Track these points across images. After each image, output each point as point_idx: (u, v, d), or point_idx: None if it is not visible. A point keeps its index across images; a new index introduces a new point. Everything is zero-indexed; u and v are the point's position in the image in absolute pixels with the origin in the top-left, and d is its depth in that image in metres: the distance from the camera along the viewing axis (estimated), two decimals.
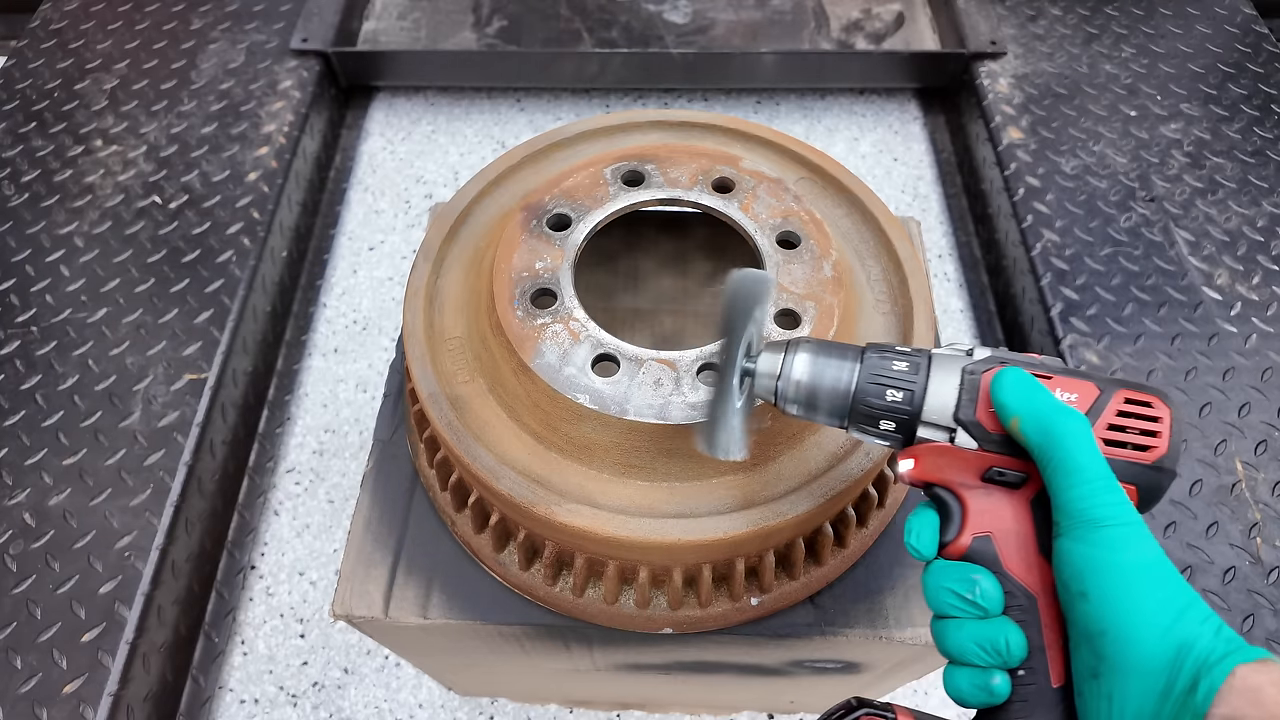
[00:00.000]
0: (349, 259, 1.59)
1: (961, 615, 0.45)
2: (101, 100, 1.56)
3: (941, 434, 0.48)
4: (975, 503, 0.47)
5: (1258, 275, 1.29)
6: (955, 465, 0.47)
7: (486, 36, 1.75)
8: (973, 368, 0.48)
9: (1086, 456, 0.43)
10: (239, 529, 1.27)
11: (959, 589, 0.45)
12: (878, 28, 1.78)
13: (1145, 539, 0.42)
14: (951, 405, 0.47)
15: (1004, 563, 0.45)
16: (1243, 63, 1.60)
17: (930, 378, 0.48)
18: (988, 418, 0.47)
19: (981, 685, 0.44)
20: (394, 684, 1.15)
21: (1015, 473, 0.47)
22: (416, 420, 0.76)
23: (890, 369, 0.49)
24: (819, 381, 0.50)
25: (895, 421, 0.49)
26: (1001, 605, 0.45)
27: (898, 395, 0.48)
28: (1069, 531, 0.43)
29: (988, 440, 0.47)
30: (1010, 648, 0.44)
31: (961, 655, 0.45)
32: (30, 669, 0.97)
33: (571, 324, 0.66)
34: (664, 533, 0.61)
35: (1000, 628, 0.44)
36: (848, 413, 0.50)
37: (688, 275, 0.99)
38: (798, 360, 0.51)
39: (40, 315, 1.27)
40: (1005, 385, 0.46)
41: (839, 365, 0.50)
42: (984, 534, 0.46)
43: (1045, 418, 0.44)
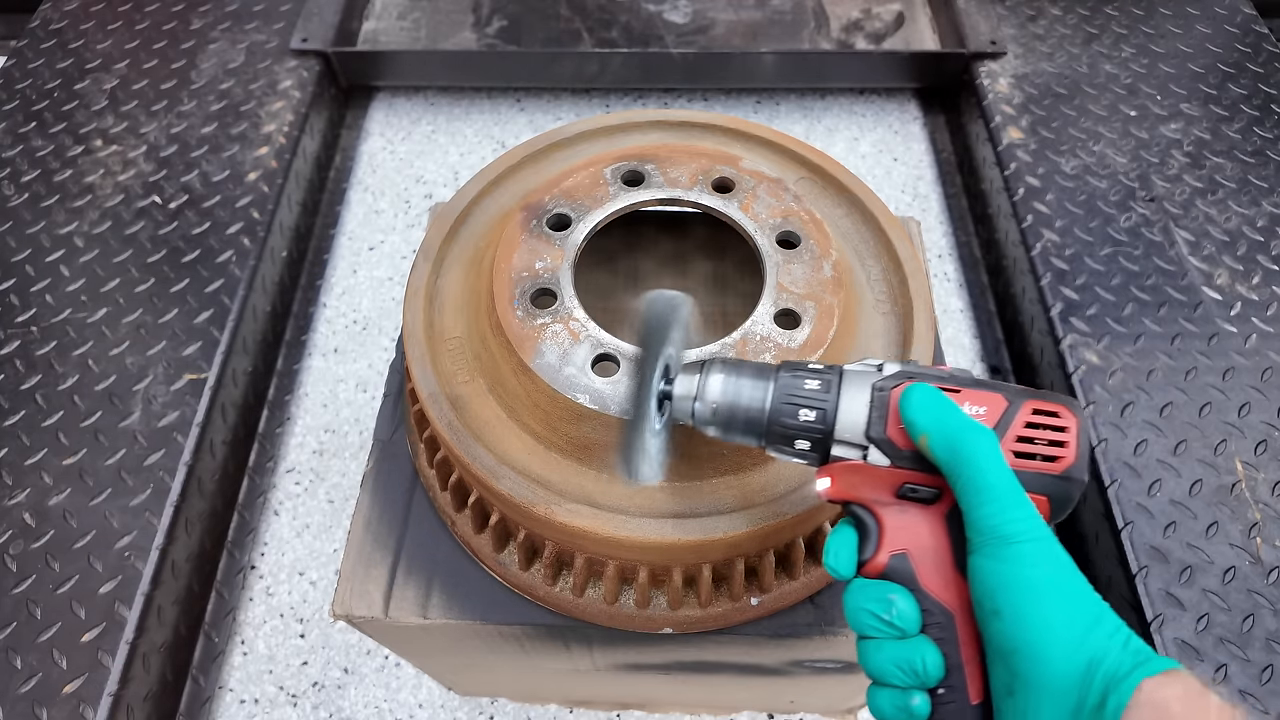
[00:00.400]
0: (349, 259, 1.59)
1: (880, 635, 0.46)
2: (101, 100, 1.56)
3: (855, 451, 0.48)
4: (891, 520, 0.47)
5: (1258, 275, 1.29)
6: (869, 483, 0.48)
7: (486, 36, 1.75)
8: (881, 384, 0.48)
9: (994, 473, 0.43)
10: (239, 529, 1.27)
11: (876, 609, 0.46)
12: (878, 28, 1.78)
13: (1055, 553, 0.42)
14: (863, 423, 0.47)
15: (921, 580, 0.46)
16: (1243, 63, 1.60)
17: (841, 395, 0.48)
18: (898, 434, 0.47)
19: (902, 706, 0.44)
20: (394, 684, 1.15)
21: (928, 489, 0.47)
22: (416, 420, 0.76)
23: (802, 388, 0.49)
24: (735, 401, 0.51)
25: (810, 440, 0.49)
26: (918, 624, 0.45)
27: (810, 414, 0.48)
28: (980, 548, 0.43)
29: (899, 457, 0.47)
30: (927, 668, 0.44)
31: (882, 676, 0.45)
32: (30, 669, 0.97)
33: (571, 324, 0.66)
34: (664, 533, 0.61)
35: (917, 648, 0.44)
36: (764, 432, 0.50)
37: (688, 275, 0.99)
38: (711, 381, 0.51)
39: (40, 315, 1.27)
40: (913, 403, 0.46)
41: (753, 385, 0.50)
42: (900, 551, 0.46)
43: (953, 435, 0.44)
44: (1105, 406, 1.16)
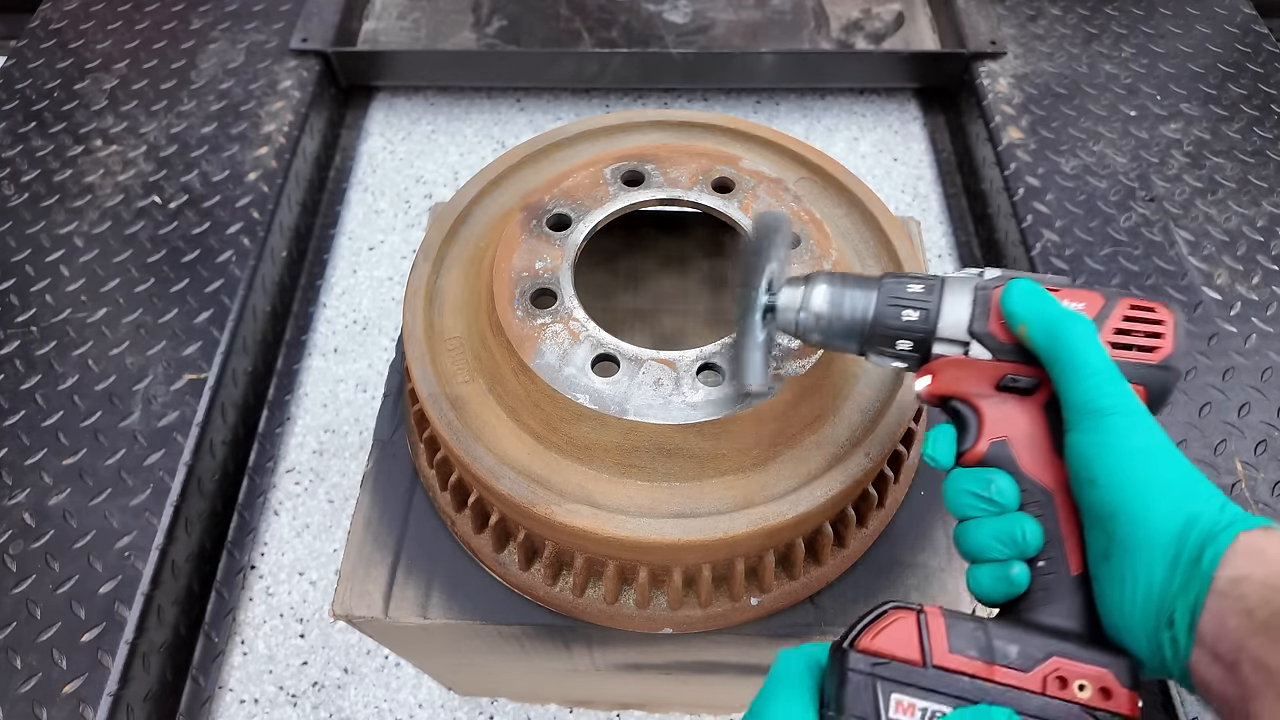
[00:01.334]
0: (349, 259, 1.59)
1: (980, 514, 0.47)
2: (101, 100, 1.56)
3: (956, 349, 0.50)
4: (991, 411, 0.49)
5: (1257, 275, 1.29)
6: (971, 376, 0.50)
7: (486, 36, 1.75)
8: (984, 285, 0.50)
9: (1091, 354, 0.45)
10: (239, 529, 1.27)
11: (976, 489, 0.47)
12: (877, 28, 1.78)
13: (1149, 425, 0.43)
14: (965, 320, 0.50)
15: (1020, 463, 0.47)
16: (1243, 63, 1.60)
17: (944, 297, 0.50)
18: (1000, 329, 0.49)
19: (1002, 577, 0.45)
20: (394, 684, 1.15)
21: (1028, 378, 0.49)
22: (416, 420, 0.76)
23: (906, 291, 0.51)
24: (838, 310, 0.53)
25: (912, 340, 0.51)
26: (1018, 501, 0.47)
27: (913, 315, 0.51)
28: (1077, 425, 0.44)
29: (1001, 350, 0.49)
30: (1026, 537, 0.45)
31: (981, 551, 0.46)
32: (30, 669, 0.97)
33: (571, 324, 0.66)
34: (664, 533, 0.61)
35: (1016, 521, 0.46)
36: (866, 337, 0.52)
37: (688, 275, 0.99)
38: (816, 292, 0.54)
39: (40, 315, 1.27)
40: (1014, 295, 0.48)
41: (855, 294, 0.53)
42: (1000, 439, 0.48)
43: (1051, 321, 0.46)
44: None
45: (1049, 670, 0.42)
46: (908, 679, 0.41)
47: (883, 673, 0.41)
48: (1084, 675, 0.41)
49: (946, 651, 0.42)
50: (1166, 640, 0.40)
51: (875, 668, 0.42)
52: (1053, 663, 0.42)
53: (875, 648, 0.42)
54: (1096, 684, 0.41)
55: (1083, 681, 0.41)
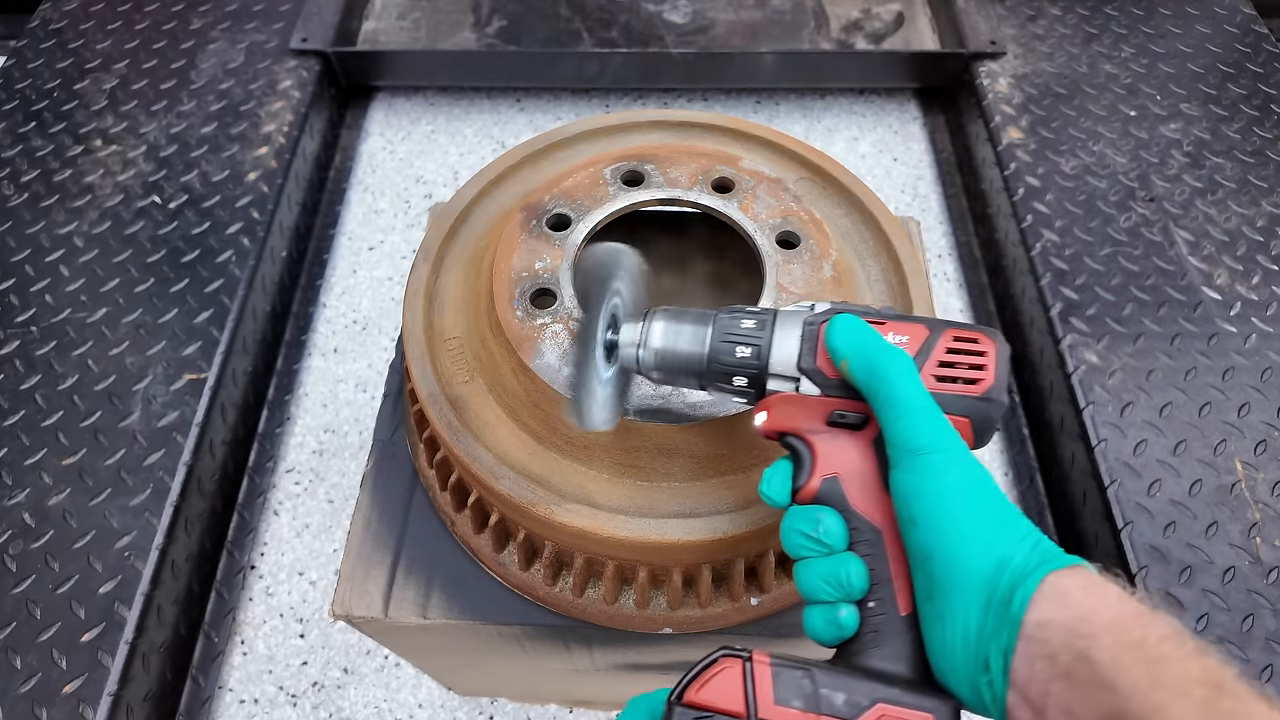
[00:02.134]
0: (349, 259, 1.59)
1: (811, 554, 0.47)
2: (101, 100, 1.56)
3: (788, 384, 0.51)
4: (823, 447, 0.49)
5: (1257, 275, 1.29)
6: (802, 412, 0.50)
7: (486, 36, 1.75)
8: (812, 319, 0.50)
9: (909, 390, 0.45)
10: (239, 529, 1.27)
11: (805, 528, 0.47)
12: (877, 28, 1.78)
13: (966, 462, 0.44)
14: (795, 356, 0.50)
15: (850, 501, 0.47)
16: (1242, 63, 1.60)
17: (775, 332, 0.51)
18: (826, 364, 0.49)
19: (831, 620, 0.45)
20: (394, 684, 1.15)
21: (855, 414, 0.49)
22: (416, 420, 0.76)
23: (739, 327, 0.52)
24: (675, 345, 0.53)
25: (746, 376, 0.52)
26: (845, 541, 0.47)
27: (746, 350, 0.51)
28: (898, 463, 0.44)
29: (828, 385, 0.49)
30: (851, 579, 0.45)
31: (812, 593, 0.46)
32: (30, 669, 0.97)
33: (571, 324, 0.66)
34: (664, 533, 0.61)
35: (842, 562, 0.46)
36: (703, 372, 0.53)
37: (688, 275, 0.99)
38: (654, 328, 0.53)
39: (40, 315, 1.27)
40: (836, 330, 0.48)
41: (693, 329, 0.53)
42: (831, 475, 0.48)
43: (871, 357, 0.46)
44: (1105, 407, 1.16)
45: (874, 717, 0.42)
46: None
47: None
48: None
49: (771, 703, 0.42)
50: (984, 684, 0.40)
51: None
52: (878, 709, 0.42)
53: (701, 700, 0.43)
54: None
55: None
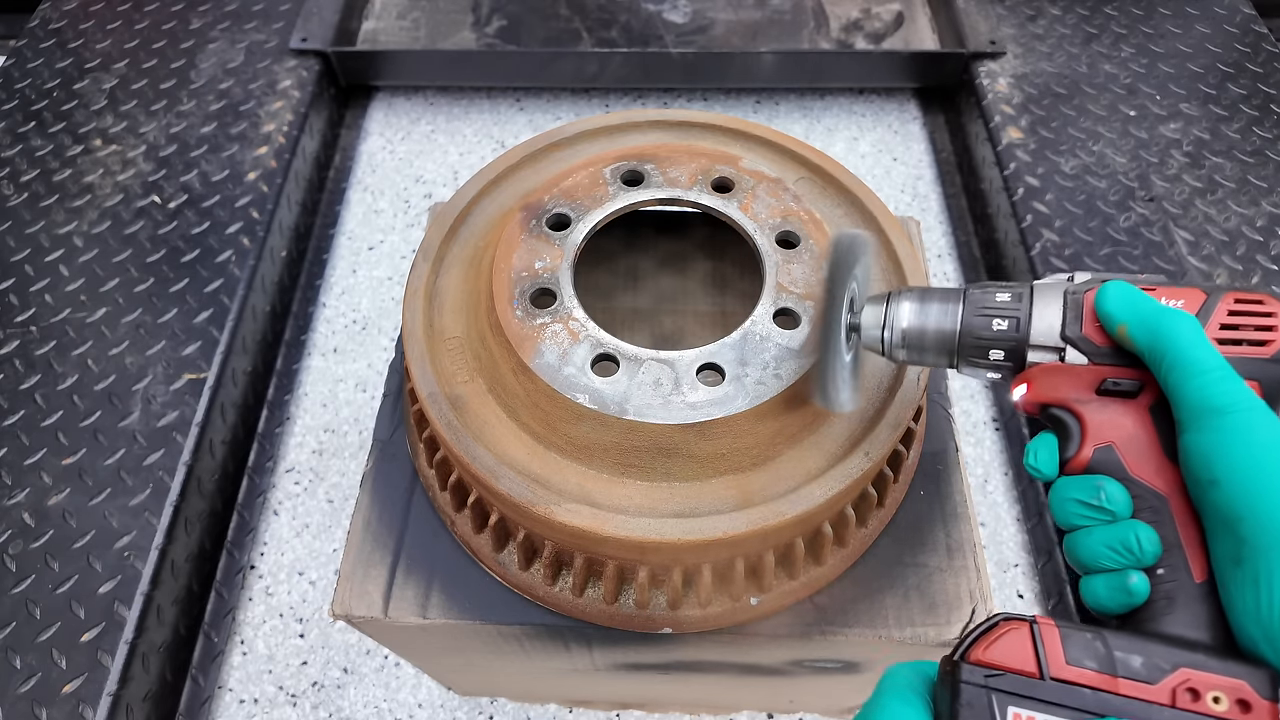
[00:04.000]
0: (348, 259, 1.59)
1: (1090, 523, 0.45)
2: (100, 100, 1.56)
3: (1051, 355, 0.49)
4: (1093, 416, 0.48)
5: (1257, 275, 1.29)
6: (1069, 382, 0.49)
7: (486, 36, 1.75)
8: (1074, 289, 0.49)
9: (1199, 350, 0.43)
10: (238, 529, 1.27)
11: (1084, 496, 0.46)
12: (877, 27, 1.78)
13: (1272, 421, 0.41)
14: (1058, 326, 0.49)
15: (1129, 468, 0.46)
16: (1242, 62, 1.60)
17: (1034, 304, 0.50)
18: (1095, 332, 0.48)
19: (1119, 587, 0.44)
20: (394, 684, 1.15)
21: (1130, 381, 0.47)
22: (416, 420, 0.76)
23: (994, 300, 0.51)
24: (924, 325, 0.53)
25: (1004, 350, 0.51)
26: (1129, 508, 0.45)
27: (1003, 324, 0.50)
28: (1192, 424, 0.43)
29: (1098, 354, 0.48)
30: (1143, 545, 0.43)
31: (1095, 561, 0.45)
32: (30, 669, 0.97)
33: (571, 324, 0.66)
34: (663, 532, 0.61)
35: (1130, 528, 0.44)
36: (955, 349, 0.52)
37: (687, 275, 0.99)
38: (902, 309, 0.54)
39: (39, 315, 1.27)
40: (1110, 296, 0.47)
41: (942, 307, 0.52)
42: (1106, 444, 0.47)
43: (1153, 320, 0.45)
44: None
45: (1178, 682, 0.39)
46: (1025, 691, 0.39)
47: (997, 685, 0.40)
48: (1218, 686, 0.39)
49: (1064, 663, 0.40)
50: None
51: (989, 680, 0.40)
52: (1181, 674, 0.39)
53: (988, 659, 0.40)
54: (1233, 695, 0.38)
55: (1217, 693, 0.39)
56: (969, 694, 0.39)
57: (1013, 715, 0.39)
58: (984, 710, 0.39)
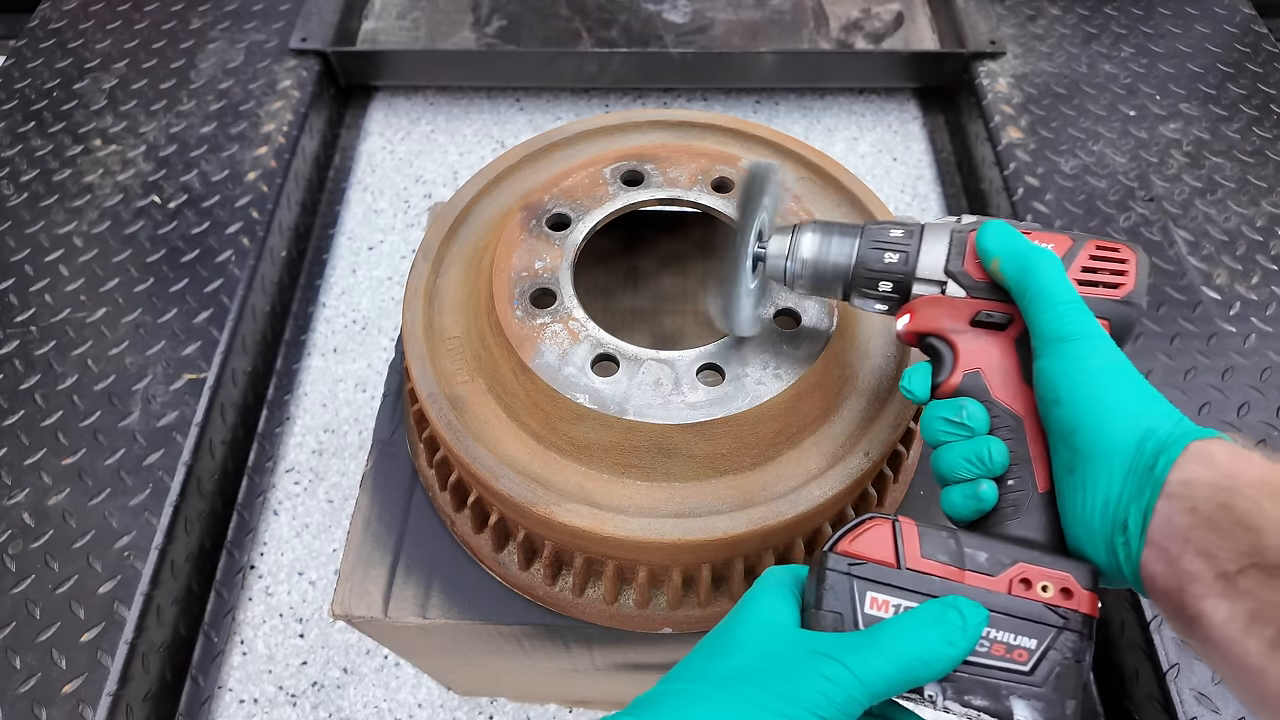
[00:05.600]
0: (348, 259, 1.59)
1: (952, 439, 0.50)
2: (100, 100, 1.56)
3: (934, 288, 0.54)
4: (965, 345, 0.52)
5: (1257, 275, 1.29)
6: (947, 313, 0.53)
7: (486, 36, 1.75)
8: (960, 228, 0.54)
9: (1057, 285, 0.48)
10: (238, 529, 1.27)
11: (949, 414, 0.51)
12: (877, 27, 1.78)
13: (1111, 349, 0.46)
14: (942, 261, 0.53)
15: (992, 392, 0.51)
16: (1242, 62, 1.60)
17: (923, 240, 0.54)
18: (974, 267, 0.53)
19: (971, 494, 0.49)
20: (393, 684, 1.15)
21: (1001, 314, 0.52)
22: (416, 420, 0.76)
23: (888, 235, 0.55)
24: (824, 256, 0.56)
25: (892, 282, 0.55)
26: (987, 425, 0.50)
27: (894, 257, 0.54)
28: (1043, 350, 0.47)
29: (975, 288, 0.53)
30: (993, 456, 0.48)
31: (953, 472, 0.50)
32: (29, 669, 0.97)
33: (571, 324, 0.66)
34: (663, 532, 0.61)
35: (984, 442, 0.49)
36: (850, 280, 0.56)
37: (687, 275, 0.99)
38: (804, 240, 0.57)
39: (39, 315, 1.27)
40: (988, 233, 0.52)
41: (841, 240, 0.56)
42: (973, 370, 0.52)
43: (1022, 256, 0.49)
44: None
45: (1014, 574, 0.45)
46: (882, 579, 0.45)
47: (859, 573, 0.45)
48: (1047, 578, 0.44)
49: (919, 556, 0.45)
50: (1120, 544, 0.43)
51: (852, 568, 0.45)
52: (1018, 568, 0.45)
53: (853, 550, 0.46)
54: (1058, 584, 0.44)
55: (1046, 583, 0.44)
56: (833, 580, 0.45)
57: (870, 599, 0.44)
58: (846, 594, 0.44)
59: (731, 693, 0.41)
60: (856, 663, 0.40)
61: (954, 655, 0.42)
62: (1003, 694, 0.42)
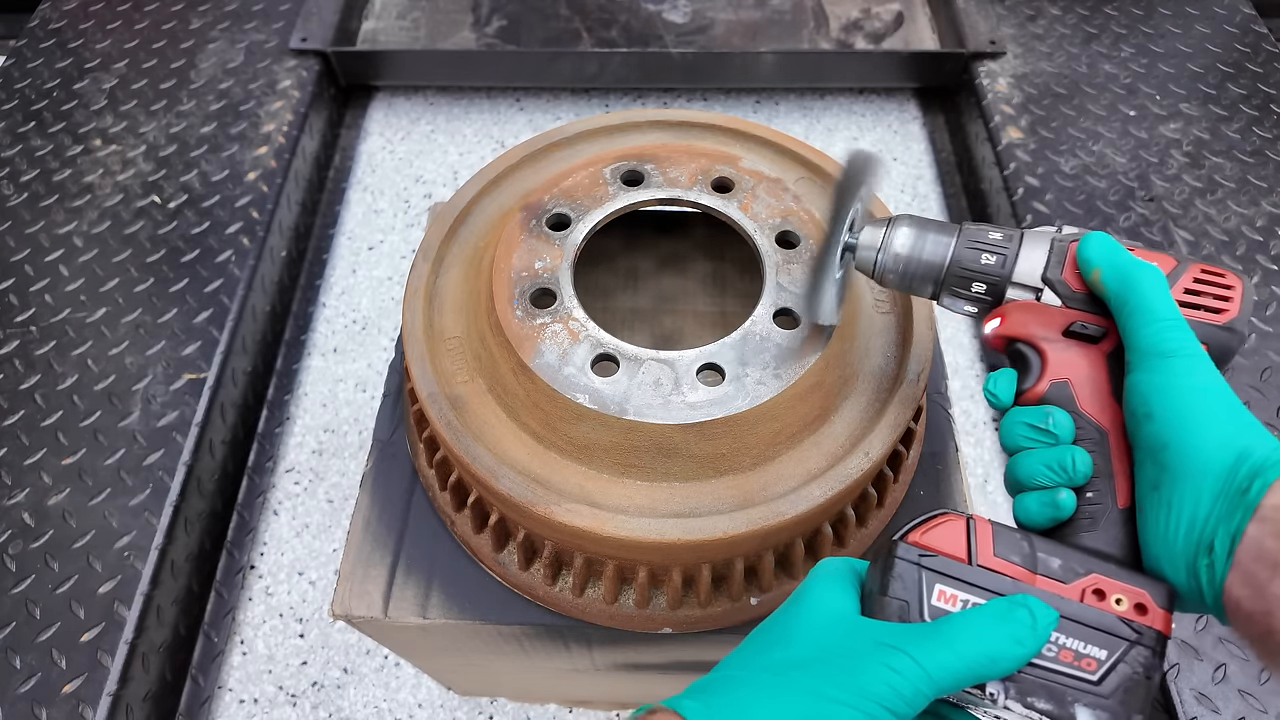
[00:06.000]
0: (348, 259, 1.59)
1: (1033, 445, 0.49)
2: (100, 100, 1.56)
3: (1029, 294, 0.53)
4: (1055, 355, 0.51)
5: (1257, 275, 1.29)
6: (1040, 320, 0.52)
7: (486, 36, 1.75)
8: (1062, 238, 0.53)
9: (1159, 300, 0.47)
10: (238, 528, 1.27)
11: (1033, 420, 0.49)
12: (877, 27, 1.78)
13: (1210, 369, 0.45)
14: (1040, 268, 0.52)
15: (1079, 403, 0.50)
16: (1242, 62, 1.60)
17: (1022, 245, 0.53)
18: (1073, 277, 0.52)
19: (1048, 502, 0.47)
20: (393, 684, 1.15)
21: (1096, 326, 0.51)
22: (416, 420, 0.76)
23: (986, 237, 0.54)
24: (918, 253, 0.55)
25: (986, 284, 0.54)
26: (1072, 434, 0.49)
27: (991, 259, 0.54)
28: (1139, 365, 0.46)
29: (1071, 298, 0.52)
30: (1076, 464, 0.47)
31: (1031, 479, 0.48)
32: (29, 669, 0.97)
33: (571, 324, 0.66)
34: (663, 532, 0.61)
35: (1068, 450, 0.48)
36: (942, 278, 0.55)
37: (687, 275, 0.99)
38: (899, 234, 0.56)
39: (39, 315, 1.27)
40: (1091, 243, 0.51)
41: (937, 238, 0.55)
42: (1061, 380, 0.50)
43: (1124, 268, 0.48)
44: None
45: (1088, 584, 0.44)
46: (952, 572, 0.44)
47: (929, 564, 0.44)
48: (1121, 591, 0.43)
49: (991, 554, 0.44)
50: (1204, 566, 0.41)
51: (922, 559, 0.44)
52: (1092, 578, 0.44)
53: (924, 542, 0.45)
54: (1133, 599, 0.43)
55: (1120, 596, 0.43)
56: (901, 568, 0.44)
57: (938, 592, 0.43)
58: (914, 584, 0.44)
59: (792, 682, 0.40)
60: (923, 655, 0.39)
61: (1021, 654, 0.41)
62: (1068, 700, 0.41)
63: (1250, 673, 0.96)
